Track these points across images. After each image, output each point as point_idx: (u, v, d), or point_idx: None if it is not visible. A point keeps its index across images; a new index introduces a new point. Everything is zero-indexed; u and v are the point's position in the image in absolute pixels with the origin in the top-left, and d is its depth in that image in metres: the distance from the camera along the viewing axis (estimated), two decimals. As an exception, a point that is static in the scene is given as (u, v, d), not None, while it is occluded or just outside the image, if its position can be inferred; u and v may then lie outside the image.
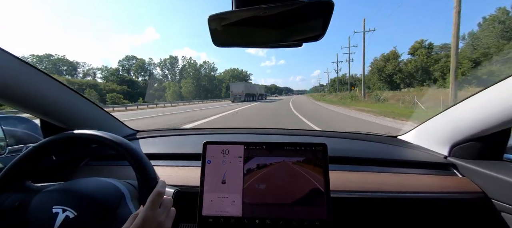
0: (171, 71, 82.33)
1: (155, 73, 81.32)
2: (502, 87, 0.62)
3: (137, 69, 75.60)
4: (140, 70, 76.37)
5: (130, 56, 78.02)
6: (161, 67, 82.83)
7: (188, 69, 78.97)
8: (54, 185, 0.57)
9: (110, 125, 1.08)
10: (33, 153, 0.54)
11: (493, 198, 0.66)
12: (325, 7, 0.43)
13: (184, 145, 1.04)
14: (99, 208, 0.49)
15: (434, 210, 0.71)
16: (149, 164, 0.55)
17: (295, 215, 0.54)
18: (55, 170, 0.82)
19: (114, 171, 0.83)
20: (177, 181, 0.74)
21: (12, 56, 0.65)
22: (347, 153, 0.88)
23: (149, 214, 0.42)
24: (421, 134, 0.98)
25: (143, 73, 77.19)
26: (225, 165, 0.58)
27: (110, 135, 0.56)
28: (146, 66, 78.63)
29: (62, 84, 0.80)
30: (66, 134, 0.56)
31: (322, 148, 0.58)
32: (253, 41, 0.56)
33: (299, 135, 1.19)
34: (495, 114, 0.64)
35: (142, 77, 76.43)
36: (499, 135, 0.71)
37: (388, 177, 0.75)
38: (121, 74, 69.22)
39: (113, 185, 0.56)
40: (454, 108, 0.79)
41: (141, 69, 76.63)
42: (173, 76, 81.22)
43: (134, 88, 62.46)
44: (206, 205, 0.56)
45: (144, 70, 77.36)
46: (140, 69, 76.41)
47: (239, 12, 0.44)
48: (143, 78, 75.89)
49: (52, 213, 0.47)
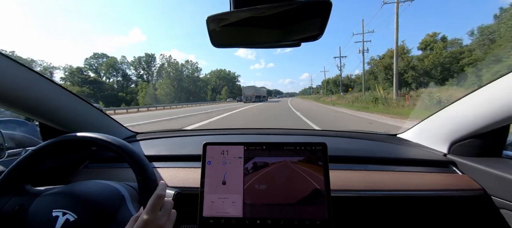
0: (147, 71, 72.11)
1: (129, 73, 70.95)
2: (500, 85, 0.62)
3: (108, 68, 65.53)
4: (112, 70, 66.44)
5: (99, 53, 67.16)
6: (135, 66, 71.63)
7: (167, 69, 68.90)
8: (54, 188, 0.57)
9: (109, 127, 1.07)
10: (32, 156, 0.54)
11: (492, 195, 0.67)
12: (323, 6, 0.43)
13: (184, 147, 1.04)
14: (99, 211, 0.49)
15: (434, 207, 0.71)
16: (149, 165, 0.55)
17: (296, 215, 0.54)
18: (54, 173, 0.82)
19: (114, 173, 0.83)
20: (177, 182, 0.74)
21: (11, 59, 0.65)
22: (347, 152, 0.88)
23: (149, 218, 0.42)
24: (420, 132, 0.99)
25: (115, 73, 67.23)
26: (225, 166, 0.58)
27: (110, 137, 0.56)
28: (118, 65, 68.11)
29: (60, 86, 0.80)
30: (65, 137, 0.56)
31: (322, 148, 0.58)
32: (251, 41, 0.56)
33: (299, 135, 1.19)
34: (494, 111, 0.64)
35: (115, 78, 67.39)
36: (498, 132, 0.72)
37: (388, 176, 0.75)
38: (84, 74, 59.74)
39: (113, 187, 0.56)
40: (453, 106, 0.79)
41: (112, 69, 66.35)
42: (150, 77, 71.29)
43: (100, 90, 56.30)
44: (206, 206, 0.56)
45: (115, 70, 67.22)
46: (111, 68, 66.24)
47: (238, 12, 0.44)
48: (116, 79, 67.00)
49: (52, 216, 0.46)
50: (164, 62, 70.44)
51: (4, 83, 0.64)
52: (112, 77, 67.04)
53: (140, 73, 71.93)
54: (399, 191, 0.69)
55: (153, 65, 72.75)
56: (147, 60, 72.20)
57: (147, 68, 72.14)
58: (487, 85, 0.66)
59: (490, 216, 0.67)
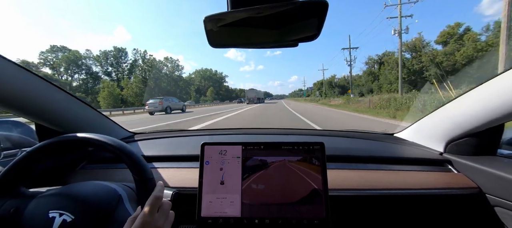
0: (116, 68, 59.95)
1: (97, 70, 58.84)
2: (495, 84, 0.63)
3: (68, 64, 53.94)
4: (73, 66, 54.89)
5: (58, 46, 54.31)
6: (101, 62, 58.88)
7: (143, 66, 59.82)
8: (51, 189, 0.56)
9: (106, 127, 1.07)
10: (27, 158, 0.54)
11: (487, 193, 0.67)
12: (320, 7, 0.44)
13: (182, 147, 1.04)
14: (97, 211, 0.49)
15: (431, 206, 0.72)
16: (147, 166, 0.55)
17: (294, 214, 0.54)
18: (51, 174, 0.81)
19: (111, 174, 0.82)
20: (175, 183, 0.74)
21: (5, 59, 0.64)
22: (345, 152, 0.88)
23: (147, 219, 0.42)
24: (417, 131, 0.99)
25: (76, 69, 55.49)
26: (223, 166, 0.58)
27: (107, 137, 0.56)
28: (82, 61, 56.27)
29: (56, 86, 0.80)
30: (61, 138, 0.56)
31: (319, 147, 0.58)
32: (249, 42, 0.56)
33: (297, 135, 1.19)
34: (489, 110, 0.65)
35: (79, 75, 55.80)
36: (492, 131, 0.72)
37: (385, 175, 0.76)
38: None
39: (110, 187, 0.55)
40: (449, 105, 0.80)
41: (73, 65, 54.69)
42: (119, 75, 58.99)
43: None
44: (205, 206, 0.56)
45: (78, 66, 55.59)
46: (73, 64, 54.61)
47: (235, 12, 0.44)
48: (80, 77, 55.44)
49: (49, 218, 0.46)
50: (137, 58, 60.83)
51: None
52: (76, 74, 55.74)
53: (107, 70, 59.50)
54: (396, 190, 0.70)
55: (124, 61, 60.95)
56: (116, 55, 59.51)
57: (116, 65, 60.21)
58: (482, 84, 0.67)
59: (485, 214, 0.68)
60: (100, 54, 59.38)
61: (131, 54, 61.61)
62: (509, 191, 0.61)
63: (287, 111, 14.25)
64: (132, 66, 60.78)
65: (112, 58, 60.09)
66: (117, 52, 59.84)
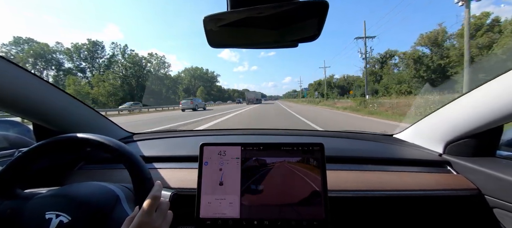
0: (91, 63, 50.46)
1: (70, 66, 49.15)
2: (494, 86, 0.63)
3: (35, 59, 44.90)
4: (41, 61, 45.93)
5: (24, 38, 45.25)
6: (71, 57, 49.17)
7: (123, 62, 50.56)
8: (48, 190, 0.56)
9: (104, 127, 1.06)
10: (24, 158, 0.53)
11: (486, 194, 0.68)
12: (320, 7, 0.43)
13: (180, 147, 1.03)
14: (94, 212, 0.48)
15: (430, 207, 0.72)
16: (145, 166, 0.54)
17: (293, 215, 0.54)
18: (48, 175, 0.80)
19: (109, 174, 0.82)
20: (174, 183, 0.73)
21: (2, 58, 0.63)
22: (344, 153, 0.88)
23: (145, 219, 0.42)
24: (416, 132, 0.99)
25: (45, 65, 46.73)
26: (222, 167, 0.58)
27: (105, 137, 0.55)
28: (51, 55, 47.04)
29: (54, 86, 0.79)
30: (59, 138, 0.55)
31: (319, 148, 0.58)
32: (249, 42, 0.56)
33: (296, 135, 1.19)
34: (488, 112, 0.65)
35: (48, 72, 46.19)
36: (491, 132, 0.73)
37: (384, 176, 0.76)
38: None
39: (108, 188, 0.55)
40: (448, 106, 0.80)
41: (41, 59, 45.74)
42: (95, 72, 49.27)
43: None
44: (203, 207, 0.55)
45: (46, 61, 46.66)
46: (40, 59, 45.54)
47: (235, 12, 0.44)
48: (47, 73, 45.84)
49: (46, 219, 0.46)
50: (116, 52, 50.68)
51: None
52: (44, 71, 46.43)
53: (80, 66, 50.06)
54: (395, 191, 0.70)
55: (101, 56, 51.27)
56: (90, 49, 49.74)
57: (91, 60, 50.68)
58: (481, 86, 0.67)
59: (484, 216, 0.68)
60: (72, 47, 49.15)
61: (109, 49, 52.78)
62: (508, 192, 0.61)
63: (297, 119, 9.77)
64: (109, 62, 51.18)
65: (86, 52, 50.10)
66: (92, 45, 50.16)
